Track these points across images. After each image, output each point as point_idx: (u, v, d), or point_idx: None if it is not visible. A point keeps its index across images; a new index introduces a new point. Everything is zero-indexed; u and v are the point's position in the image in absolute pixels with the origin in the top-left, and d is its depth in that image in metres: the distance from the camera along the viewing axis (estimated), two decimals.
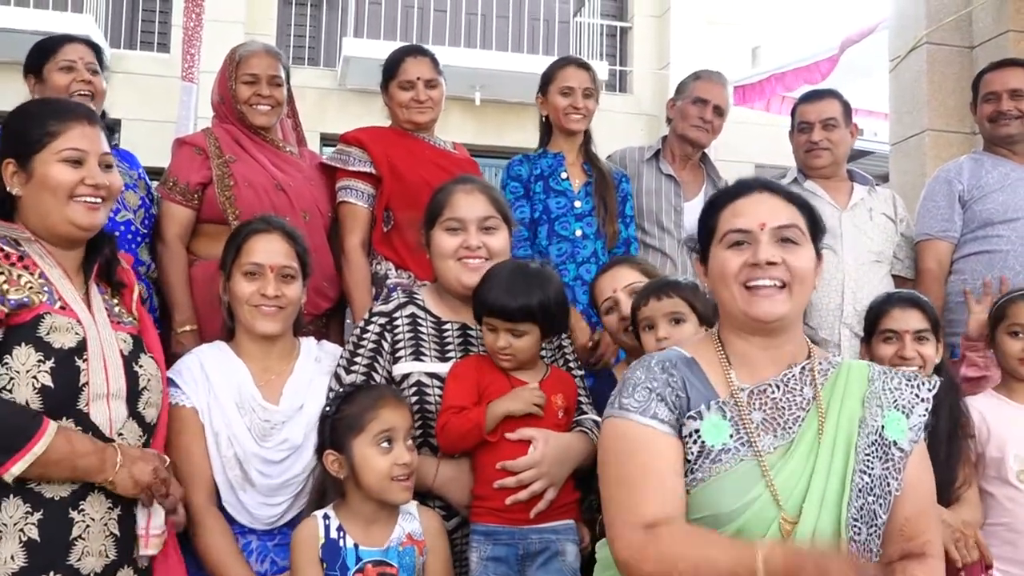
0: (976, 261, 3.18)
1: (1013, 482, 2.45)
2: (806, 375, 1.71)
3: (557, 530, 2.08)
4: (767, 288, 1.64)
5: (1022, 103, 3.23)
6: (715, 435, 1.63)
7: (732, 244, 1.69)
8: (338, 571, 1.90)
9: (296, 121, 3.20)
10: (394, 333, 2.25)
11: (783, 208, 1.70)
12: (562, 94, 3.16)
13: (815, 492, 1.60)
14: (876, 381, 1.73)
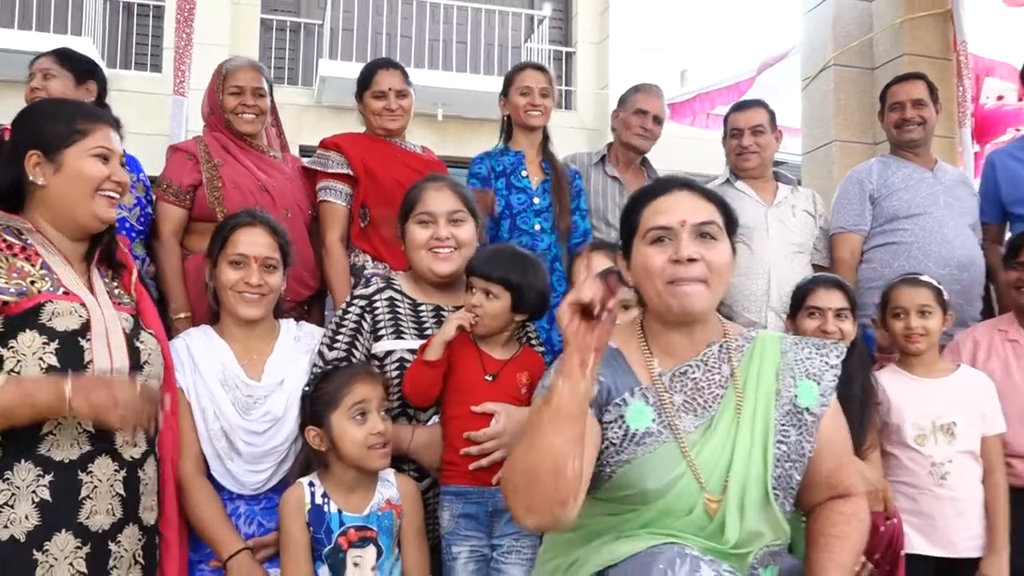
0: (884, 251, 3.18)
1: (912, 445, 2.46)
2: (724, 353, 1.65)
3: None
4: (689, 284, 1.56)
5: (923, 111, 3.25)
6: (638, 420, 1.57)
7: (654, 240, 1.60)
8: (323, 534, 1.86)
9: (279, 129, 3.15)
10: (374, 314, 2.21)
11: (702, 205, 1.63)
12: (521, 94, 3.12)
13: (739, 465, 1.55)
14: (788, 352, 1.67)
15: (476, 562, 1.99)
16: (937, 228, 3.10)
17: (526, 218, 3.06)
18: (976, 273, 3.13)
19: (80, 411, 1.60)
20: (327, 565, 1.84)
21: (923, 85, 3.29)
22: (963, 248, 3.11)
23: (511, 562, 1.98)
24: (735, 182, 3.30)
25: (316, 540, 1.85)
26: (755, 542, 1.54)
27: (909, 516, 2.39)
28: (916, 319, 2.51)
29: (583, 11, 11.28)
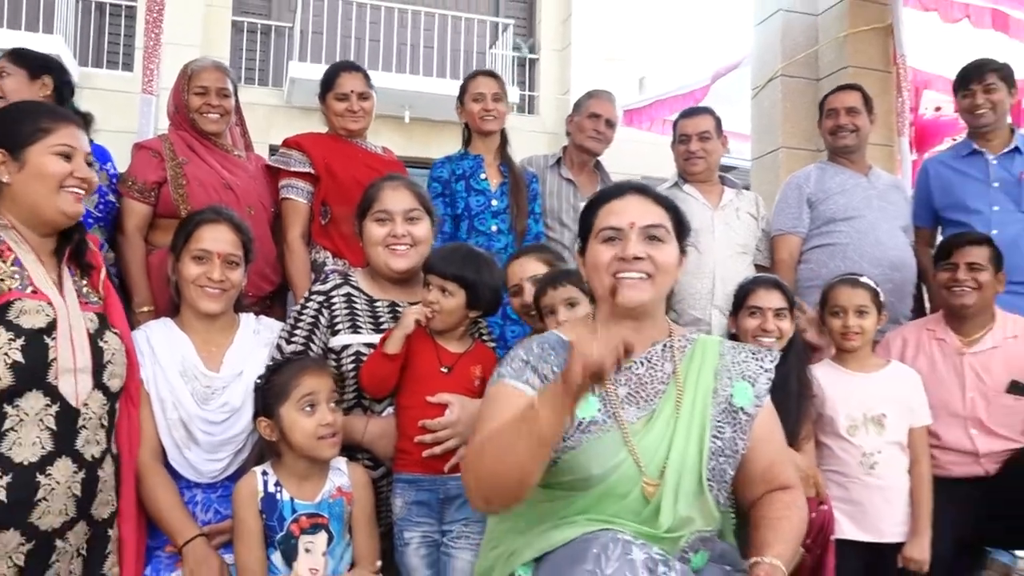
0: (821, 252, 3.23)
1: (844, 435, 2.51)
2: (667, 352, 1.70)
3: None
4: (633, 279, 1.62)
5: (856, 119, 3.31)
6: (585, 409, 1.60)
7: (605, 239, 1.66)
8: (276, 522, 1.86)
9: (244, 128, 3.12)
10: (331, 309, 2.21)
11: (652, 209, 1.68)
12: (475, 100, 3.14)
13: (676, 456, 1.59)
14: (726, 355, 1.73)
15: (427, 547, 2.00)
16: (871, 230, 3.16)
17: (483, 219, 3.08)
18: (907, 273, 3.19)
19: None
20: (280, 551, 1.85)
21: (858, 95, 3.34)
22: (895, 249, 3.17)
23: (460, 547, 1.99)
24: (683, 185, 3.34)
25: (269, 527, 1.85)
26: (686, 527, 1.57)
27: (839, 503, 2.44)
28: (853, 318, 2.56)
29: (546, 19, 11.32)
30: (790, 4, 5.32)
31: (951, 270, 2.74)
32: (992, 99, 3.23)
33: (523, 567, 1.52)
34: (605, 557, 1.34)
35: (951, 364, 2.72)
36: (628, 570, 1.32)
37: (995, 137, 3.27)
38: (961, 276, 2.70)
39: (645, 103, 8.30)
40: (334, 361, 2.16)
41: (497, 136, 3.20)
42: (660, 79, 9.75)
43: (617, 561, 1.33)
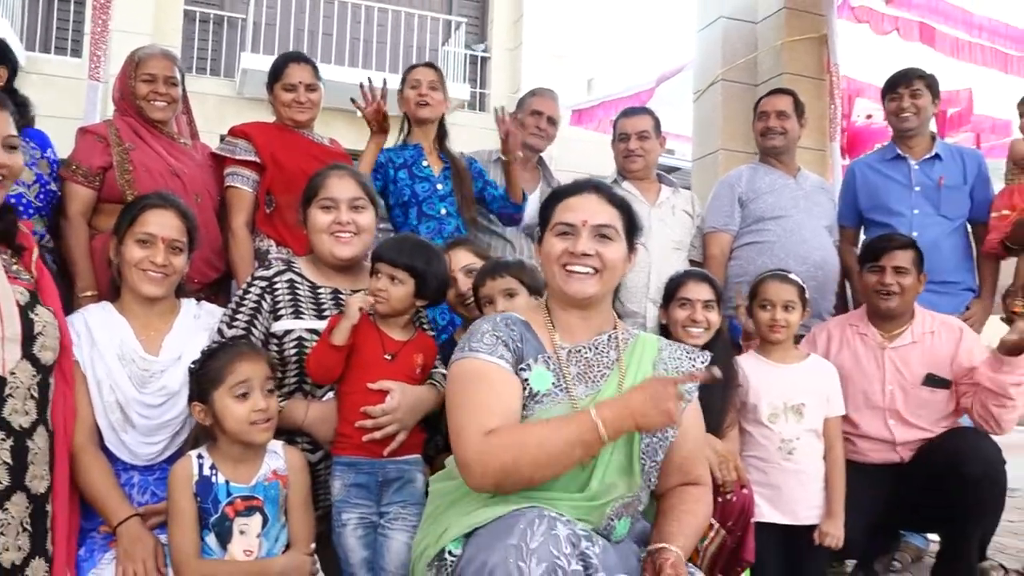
0: (750, 249, 3.31)
1: (765, 423, 2.58)
2: (612, 342, 1.80)
3: (409, 462, 2.09)
4: (581, 273, 1.71)
5: (785, 123, 3.40)
6: (540, 382, 1.69)
7: (560, 233, 1.75)
8: (210, 504, 1.84)
9: (190, 117, 3.09)
10: (274, 295, 2.21)
11: (605, 209, 1.77)
12: (411, 87, 3.15)
13: None
14: (664, 351, 1.85)
15: (364, 528, 2.01)
16: (797, 229, 3.25)
17: (432, 203, 3.09)
18: (830, 271, 3.29)
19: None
20: (214, 533, 1.84)
21: (788, 99, 3.43)
22: (819, 248, 3.27)
23: (397, 528, 2.01)
24: (622, 183, 3.39)
25: (203, 510, 1.84)
26: (611, 492, 1.66)
27: (759, 487, 2.51)
28: (781, 312, 2.63)
29: (498, 18, 11.35)
30: (731, 11, 5.42)
31: (878, 273, 2.80)
32: (917, 104, 3.33)
33: (454, 542, 1.55)
34: (531, 532, 1.39)
35: (872, 357, 2.82)
36: (552, 544, 1.37)
37: (918, 143, 3.38)
38: (888, 280, 2.77)
39: (593, 103, 8.38)
40: (276, 346, 2.16)
41: (434, 127, 3.21)
42: (608, 80, 9.87)
43: (542, 536, 1.38)
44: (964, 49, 6.16)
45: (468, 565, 1.42)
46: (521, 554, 1.35)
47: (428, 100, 3.15)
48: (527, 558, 1.34)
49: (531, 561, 1.34)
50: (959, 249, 3.26)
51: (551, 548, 1.35)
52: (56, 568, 1.78)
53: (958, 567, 2.58)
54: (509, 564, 1.34)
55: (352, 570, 1.98)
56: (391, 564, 1.96)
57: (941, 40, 6.00)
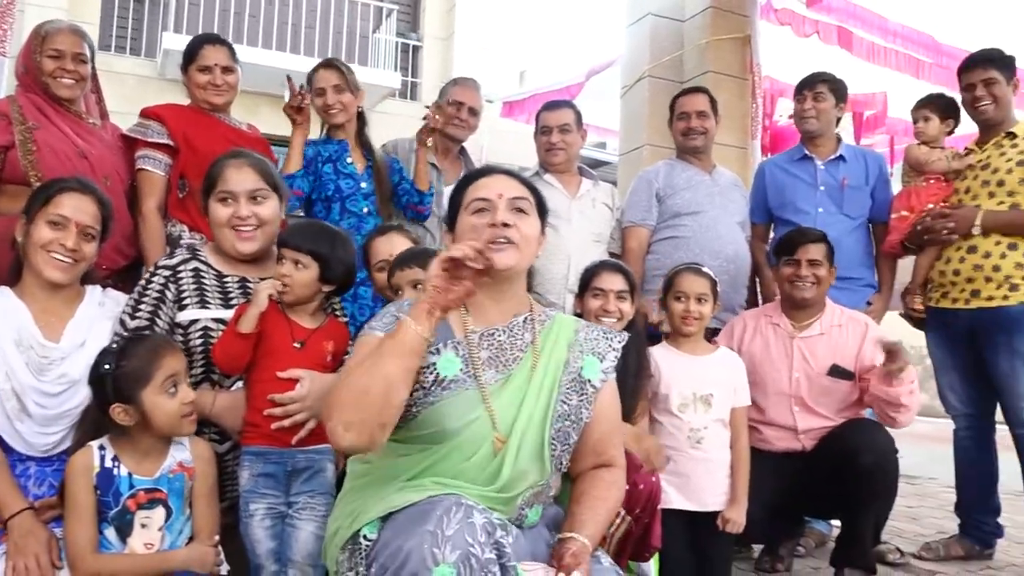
0: (666, 244, 3.39)
1: (675, 413, 2.64)
2: (528, 324, 1.79)
3: (320, 451, 2.08)
4: (502, 244, 1.70)
5: (705, 122, 3.48)
6: (448, 368, 1.68)
7: (476, 211, 1.74)
8: (111, 497, 1.80)
9: (100, 96, 2.98)
10: (179, 284, 2.16)
11: (516, 185, 1.78)
12: (317, 95, 3.13)
13: (524, 416, 1.69)
14: (580, 332, 1.83)
15: (272, 518, 1.99)
16: (712, 225, 3.34)
17: (355, 201, 3.08)
18: (742, 266, 3.40)
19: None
20: (114, 527, 1.80)
21: (706, 98, 3.52)
22: (732, 243, 3.37)
23: (305, 518, 2.00)
24: (544, 175, 3.43)
25: (103, 503, 1.79)
26: (523, 480, 1.67)
27: (668, 475, 2.58)
28: (694, 304, 2.69)
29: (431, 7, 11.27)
30: (659, 9, 5.51)
31: (794, 265, 2.91)
32: (819, 107, 3.45)
33: (368, 526, 1.55)
34: (447, 519, 1.39)
35: (782, 346, 2.93)
36: (468, 532, 1.37)
37: (823, 144, 3.50)
38: (803, 272, 2.88)
39: (524, 95, 8.41)
40: (181, 336, 2.12)
41: (354, 122, 3.19)
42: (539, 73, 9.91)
43: (458, 524, 1.38)
44: (880, 54, 6.41)
45: (383, 549, 1.42)
46: (436, 541, 1.35)
47: (337, 106, 3.12)
48: (442, 545, 1.34)
49: (446, 548, 1.34)
50: (860, 247, 3.40)
51: (466, 536, 1.36)
52: None
53: (854, 550, 2.71)
54: (424, 550, 1.34)
55: (259, 561, 1.97)
56: (299, 554, 1.95)
57: (858, 44, 6.22)
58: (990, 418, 3.28)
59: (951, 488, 3.41)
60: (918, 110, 3.38)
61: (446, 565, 1.33)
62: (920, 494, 4.93)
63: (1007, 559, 3.28)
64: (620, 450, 1.88)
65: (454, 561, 1.33)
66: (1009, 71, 3.20)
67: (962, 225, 3.11)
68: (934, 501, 4.65)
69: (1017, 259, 3.03)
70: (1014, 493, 3.28)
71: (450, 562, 1.33)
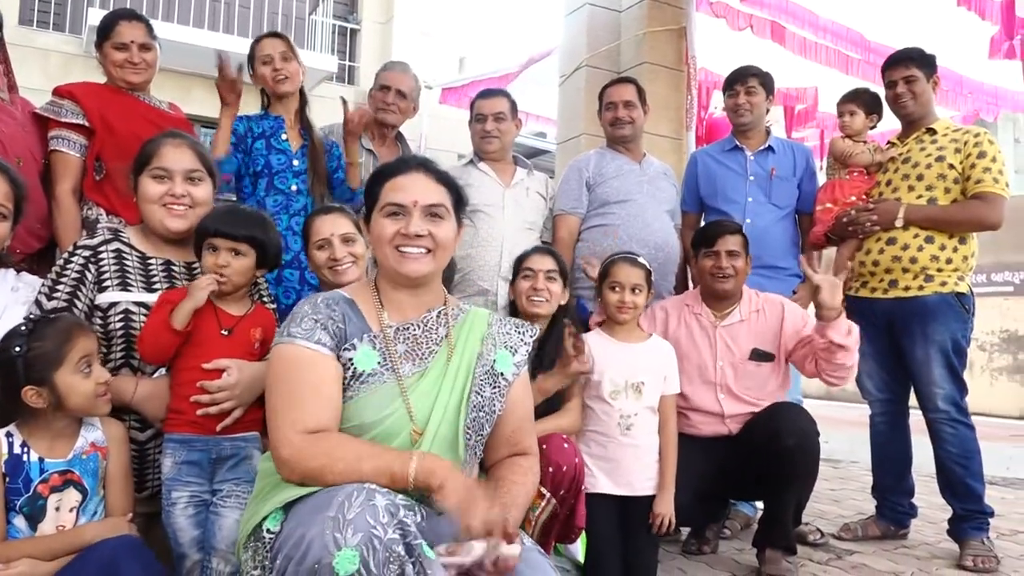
0: (596, 232, 3.41)
1: (607, 399, 2.68)
2: (442, 318, 1.81)
3: (246, 439, 2.07)
4: (414, 253, 1.72)
5: (632, 112, 3.51)
6: (365, 362, 1.68)
7: (389, 214, 1.74)
8: (20, 484, 1.75)
9: (8, 67, 2.84)
10: (99, 265, 2.12)
11: (434, 188, 1.76)
12: (263, 63, 3.08)
13: (439, 408, 1.71)
14: (493, 326, 1.86)
15: (195, 506, 1.98)
16: (640, 213, 3.38)
17: (284, 178, 3.03)
18: (670, 253, 3.44)
19: None
20: (23, 515, 1.75)
21: (633, 88, 3.56)
22: (660, 231, 3.41)
23: (229, 505, 1.98)
24: (478, 163, 3.43)
25: (11, 490, 1.74)
26: None
27: (598, 460, 2.64)
28: (629, 294, 2.73)
29: None
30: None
31: (714, 257, 2.97)
32: (751, 101, 3.53)
33: (271, 519, 1.54)
34: (348, 504, 1.39)
35: (705, 336, 3.00)
36: (370, 515, 1.37)
37: (754, 136, 3.59)
38: (724, 263, 2.94)
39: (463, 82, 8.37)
40: (100, 319, 2.08)
41: (296, 98, 3.14)
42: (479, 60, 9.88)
43: (360, 507, 1.38)
44: (811, 49, 6.56)
45: (286, 541, 1.41)
46: (338, 525, 1.35)
47: (285, 73, 3.08)
48: (343, 529, 1.34)
49: (347, 531, 1.34)
50: (787, 236, 3.49)
51: (368, 518, 1.36)
52: None
53: (776, 531, 2.79)
54: (326, 536, 1.34)
55: (182, 550, 1.94)
56: (222, 542, 1.93)
57: (790, 39, 6.36)
58: (904, 403, 3.43)
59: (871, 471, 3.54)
60: (844, 104, 3.49)
61: (348, 549, 1.33)
62: (842, 477, 5.11)
63: (920, 538, 3.43)
64: (533, 439, 1.92)
65: (356, 544, 1.33)
66: (929, 69, 3.32)
67: (885, 218, 3.21)
68: (856, 484, 4.82)
69: (933, 251, 3.16)
70: (928, 475, 3.41)
71: (352, 545, 1.33)
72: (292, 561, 1.37)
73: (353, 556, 1.32)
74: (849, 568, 2.98)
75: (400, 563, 1.36)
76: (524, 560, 1.58)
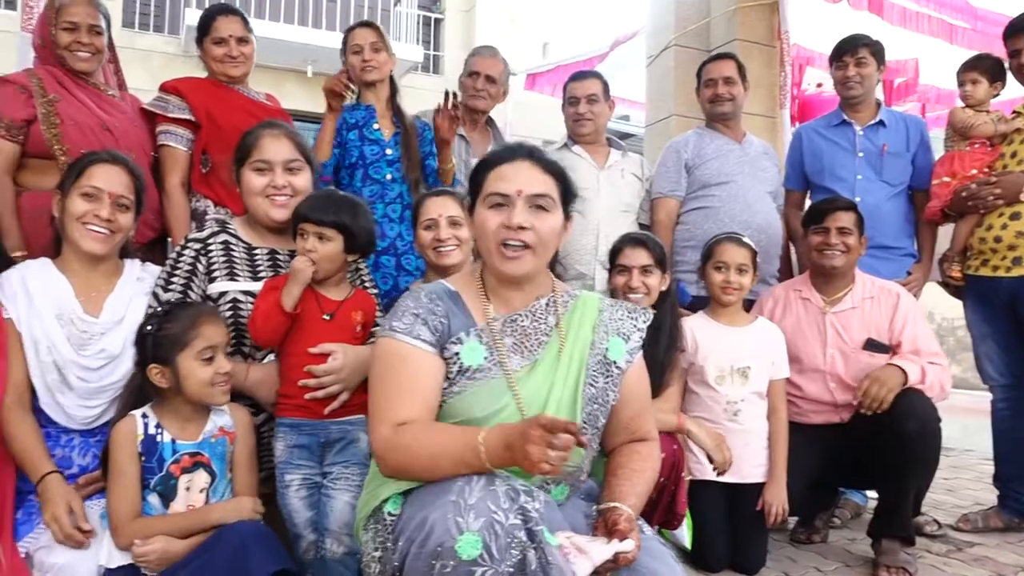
0: (696, 215, 3.32)
1: (711, 384, 2.61)
2: (551, 306, 1.73)
3: (353, 422, 2.08)
4: (516, 250, 1.62)
5: (732, 88, 3.39)
6: (472, 357, 1.63)
7: (493, 205, 1.66)
8: (155, 463, 1.82)
9: (117, 67, 2.93)
10: (208, 257, 2.16)
11: (540, 177, 1.67)
12: (353, 52, 3.07)
13: (552, 401, 1.64)
14: (605, 312, 1.78)
15: (308, 488, 2.00)
16: (741, 194, 3.27)
17: (378, 168, 3.04)
18: (773, 235, 3.32)
19: None
20: (157, 493, 1.81)
21: (733, 64, 3.42)
22: (763, 213, 3.29)
23: (340, 488, 2.00)
24: (572, 146, 3.38)
25: (147, 469, 1.81)
26: None
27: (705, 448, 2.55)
28: (735, 275, 2.65)
29: None
30: None
31: (823, 234, 2.85)
32: (862, 72, 3.34)
33: (391, 502, 1.54)
34: (469, 488, 1.37)
35: (814, 322, 2.87)
36: (491, 500, 1.35)
37: (863, 109, 3.40)
38: (832, 240, 2.81)
39: (547, 67, 8.31)
40: None
41: (386, 86, 3.13)
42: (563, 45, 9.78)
43: (480, 492, 1.36)
44: (911, 19, 6.23)
45: (408, 523, 1.41)
46: (459, 510, 1.33)
47: (373, 63, 3.07)
48: (465, 513, 1.33)
49: (469, 516, 1.32)
50: (900, 215, 3.30)
51: (489, 503, 1.34)
52: None
53: (894, 520, 2.65)
54: (448, 520, 1.33)
55: (297, 530, 1.97)
56: (335, 523, 1.95)
57: (889, 9, 6.04)
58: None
59: (988, 460, 3.34)
60: (965, 72, 3.26)
61: (470, 533, 1.31)
62: (956, 466, 4.86)
63: None
64: (653, 425, 1.86)
65: (478, 529, 1.31)
66: None
67: (1009, 192, 3.01)
68: (971, 473, 4.58)
69: None
70: None
71: (474, 530, 1.31)
72: (414, 543, 1.36)
73: (475, 541, 1.30)
74: (971, 561, 2.81)
75: (522, 548, 1.33)
76: (645, 549, 1.54)
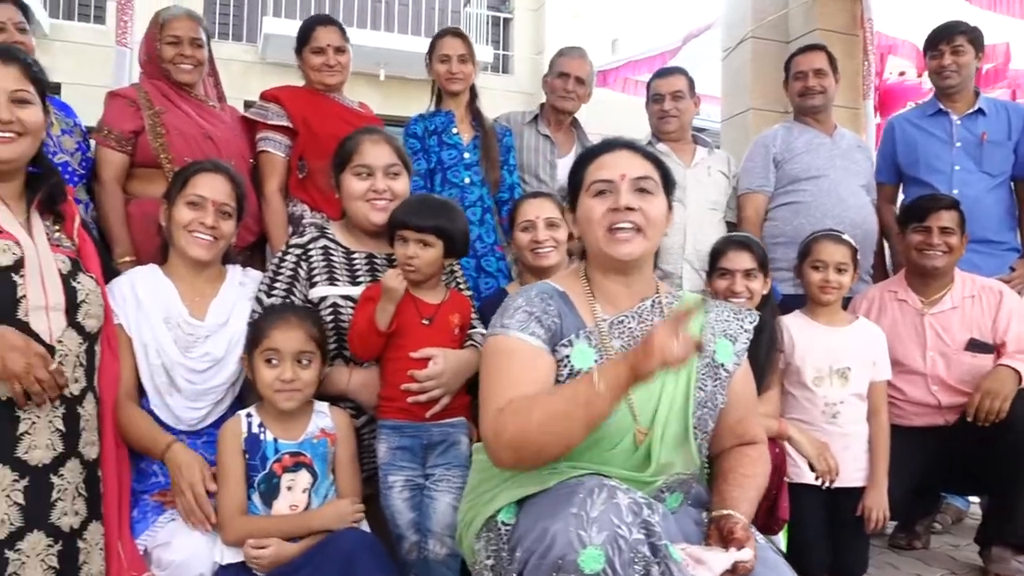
0: (786, 210, 3.23)
1: (809, 385, 2.53)
2: (656, 307, 1.71)
3: (454, 424, 2.09)
4: (625, 232, 1.60)
5: (823, 80, 3.29)
6: (582, 360, 1.61)
7: (597, 193, 1.64)
8: (258, 461, 1.87)
9: (216, 79, 3.04)
10: (309, 262, 2.20)
11: (640, 163, 1.66)
12: (441, 61, 3.08)
13: (664, 405, 1.61)
14: (711, 313, 1.75)
15: (411, 490, 2.02)
16: (833, 189, 3.16)
17: (457, 172, 3.04)
18: (868, 231, 3.20)
19: None
20: (259, 492, 1.86)
21: (824, 56, 3.32)
22: (856, 208, 3.17)
23: (442, 489, 2.01)
24: (656, 144, 3.32)
25: (251, 467, 1.86)
26: (667, 471, 1.61)
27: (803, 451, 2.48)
28: (833, 273, 2.56)
29: None
30: None
31: (924, 233, 2.73)
32: (959, 61, 3.21)
33: (505, 511, 1.52)
34: (591, 501, 1.34)
35: (912, 324, 2.76)
36: (614, 513, 1.32)
37: (960, 99, 3.26)
38: (935, 240, 2.70)
39: (617, 64, 8.26)
40: None
41: (466, 93, 3.14)
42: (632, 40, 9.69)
43: (603, 504, 1.33)
44: (1001, 2, 5.97)
45: (527, 533, 1.38)
46: (582, 523, 1.30)
47: (460, 75, 3.08)
48: (588, 527, 1.29)
49: (592, 529, 1.29)
50: (1002, 207, 3.16)
51: (612, 517, 1.31)
52: (109, 530, 1.80)
53: (1007, 526, 2.53)
54: (570, 532, 1.29)
55: (400, 531, 1.99)
56: (437, 525, 1.97)
57: None
58: None
59: None
60: None
61: (593, 547, 1.28)
62: None
63: None
64: (760, 428, 1.82)
65: (601, 543, 1.28)
66: None
67: None
68: None
69: None
70: None
71: (597, 544, 1.28)
72: (535, 555, 1.33)
73: (599, 555, 1.28)
74: None
75: (645, 564, 1.30)
76: (761, 559, 1.50)
